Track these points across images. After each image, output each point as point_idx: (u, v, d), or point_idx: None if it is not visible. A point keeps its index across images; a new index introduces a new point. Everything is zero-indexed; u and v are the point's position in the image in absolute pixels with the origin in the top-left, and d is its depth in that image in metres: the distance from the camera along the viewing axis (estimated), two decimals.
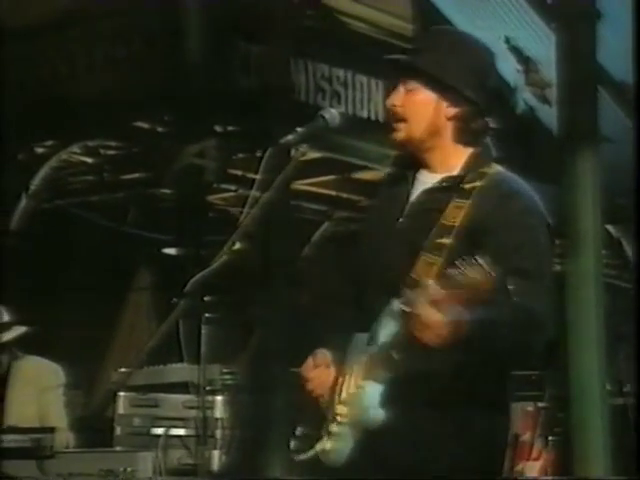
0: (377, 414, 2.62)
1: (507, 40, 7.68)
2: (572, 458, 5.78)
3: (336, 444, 2.67)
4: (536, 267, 2.60)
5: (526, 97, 7.91)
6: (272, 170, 2.69)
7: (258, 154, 7.46)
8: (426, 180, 2.77)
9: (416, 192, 2.76)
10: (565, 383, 5.95)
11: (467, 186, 2.69)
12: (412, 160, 2.81)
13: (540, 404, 5.93)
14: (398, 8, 8.35)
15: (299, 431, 2.76)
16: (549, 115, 7.51)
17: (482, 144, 2.79)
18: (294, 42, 7.49)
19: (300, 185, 8.00)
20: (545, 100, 7.73)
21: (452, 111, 2.73)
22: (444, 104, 2.73)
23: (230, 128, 8.01)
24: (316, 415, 2.73)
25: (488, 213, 2.64)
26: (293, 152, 2.76)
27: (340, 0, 8.15)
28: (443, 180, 2.73)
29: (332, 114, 2.76)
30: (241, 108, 7.67)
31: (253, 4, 7.55)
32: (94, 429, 5.34)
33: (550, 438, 5.89)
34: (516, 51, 7.70)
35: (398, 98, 2.76)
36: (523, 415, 5.81)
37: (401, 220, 2.74)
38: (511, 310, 2.54)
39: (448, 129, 2.74)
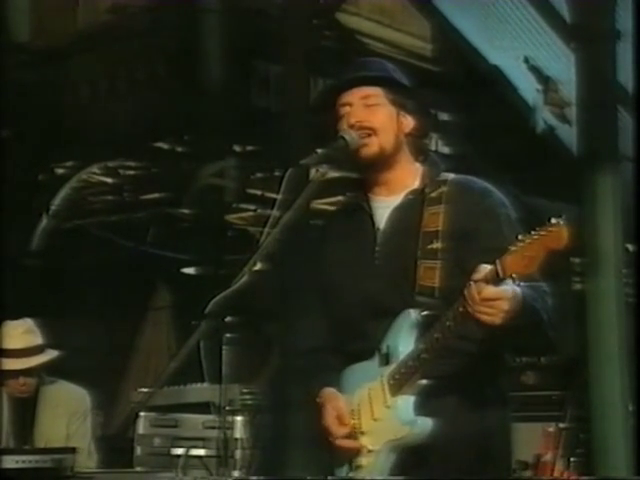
0: (425, 424, 2.60)
1: (526, 60, 7.68)
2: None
3: (373, 463, 2.65)
4: None
5: (546, 116, 7.90)
6: (292, 191, 2.69)
7: (277, 174, 7.50)
8: (386, 205, 2.79)
9: (382, 218, 2.78)
10: (586, 403, 5.92)
11: (434, 194, 2.74)
12: (365, 187, 2.83)
13: (561, 425, 5.89)
14: (417, 28, 8.38)
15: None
16: (569, 134, 7.50)
17: (431, 159, 2.85)
18: (313, 62, 7.51)
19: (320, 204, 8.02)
20: (565, 119, 7.72)
21: (410, 125, 2.79)
22: (402, 119, 2.78)
23: (249, 148, 8.05)
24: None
25: (466, 213, 2.70)
26: (313, 173, 2.76)
27: (359, 20, 8.18)
28: (408, 194, 2.77)
29: (352, 135, 2.75)
30: (260, 128, 7.69)
31: (272, 25, 7.59)
32: (114, 449, 5.34)
33: (572, 459, 5.85)
34: (536, 71, 7.70)
35: (361, 114, 2.76)
36: (544, 435, 5.78)
37: (378, 250, 2.76)
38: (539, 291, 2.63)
39: (405, 145, 2.80)
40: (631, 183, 5.49)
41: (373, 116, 2.76)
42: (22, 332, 4.70)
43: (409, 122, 2.80)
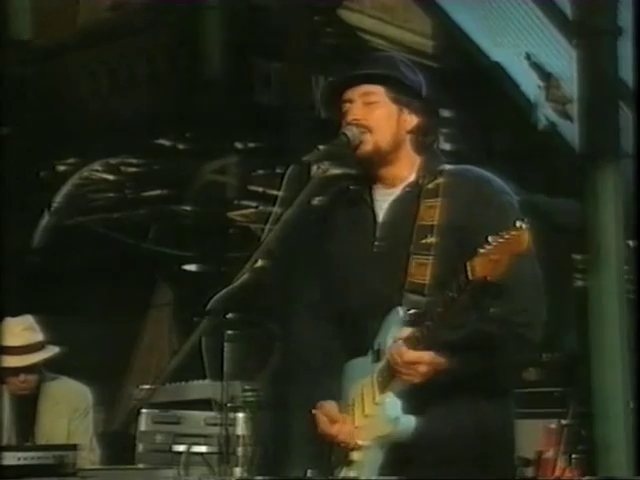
0: (409, 421, 2.61)
1: (528, 56, 7.68)
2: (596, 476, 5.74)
3: (363, 458, 2.66)
4: None
5: (547, 113, 7.90)
6: (293, 188, 2.69)
7: (278, 171, 7.48)
8: (386, 198, 2.79)
9: (381, 211, 2.79)
10: (588, 400, 5.92)
11: (430, 186, 2.74)
12: (367, 179, 2.82)
13: (563, 421, 5.88)
14: (419, 25, 8.38)
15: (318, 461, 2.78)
16: (570, 131, 7.50)
17: (431, 152, 2.83)
18: (314, 59, 7.52)
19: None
20: (566, 116, 7.72)
21: (412, 123, 2.78)
22: (405, 116, 2.77)
23: (251, 145, 8.05)
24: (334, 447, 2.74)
25: (463, 204, 2.68)
26: (314, 169, 2.76)
27: (360, 17, 8.18)
28: (406, 187, 2.77)
29: (354, 132, 2.75)
30: (262, 125, 7.70)
31: (273, 22, 7.60)
32: (116, 446, 5.34)
33: (573, 456, 5.85)
34: (537, 67, 7.70)
35: (359, 112, 2.76)
36: (546, 432, 5.77)
37: (377, 244, 2.75)
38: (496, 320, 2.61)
39: (407, 141, 2.79)
40: (632, 179, 5.50)
41: (370, 114, 2.76)
42: (22, 329, 4.70)
43: (412, 120, 2.79)
